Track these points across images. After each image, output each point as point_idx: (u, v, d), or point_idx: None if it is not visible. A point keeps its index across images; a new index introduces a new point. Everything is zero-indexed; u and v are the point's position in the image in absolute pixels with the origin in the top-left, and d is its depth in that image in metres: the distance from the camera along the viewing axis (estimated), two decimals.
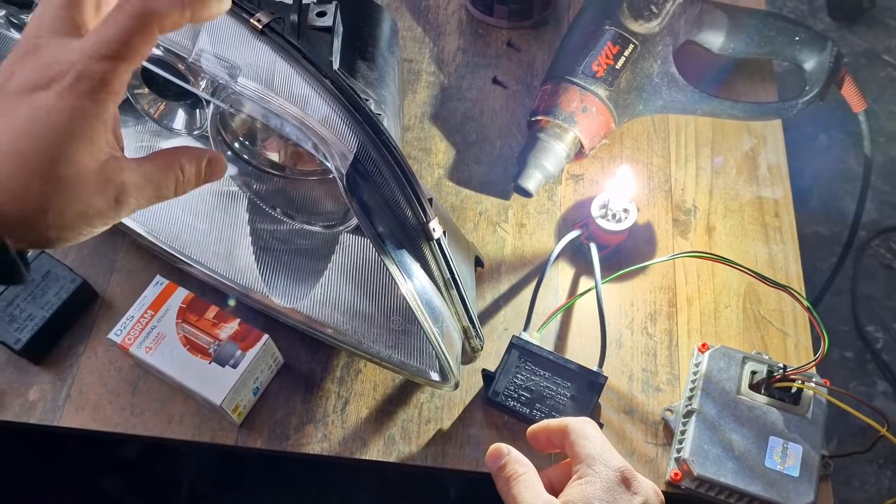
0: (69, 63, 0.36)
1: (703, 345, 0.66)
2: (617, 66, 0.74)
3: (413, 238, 0.51)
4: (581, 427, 0.49)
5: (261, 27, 0.49)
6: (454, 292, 0.55)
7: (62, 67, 0.36)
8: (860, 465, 1.36)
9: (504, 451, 0.49)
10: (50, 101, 0.36)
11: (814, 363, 0.61)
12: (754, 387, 0.63)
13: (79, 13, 0.38)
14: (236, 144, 0.59)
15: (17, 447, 0.91)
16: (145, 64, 0.54)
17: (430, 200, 0.51)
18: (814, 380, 0.62)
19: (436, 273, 0.53)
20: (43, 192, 0.36)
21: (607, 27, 0.75)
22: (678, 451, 0.62)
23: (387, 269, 0.51)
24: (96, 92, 0.36)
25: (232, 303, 0.64)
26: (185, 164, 0.43)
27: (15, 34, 0.65)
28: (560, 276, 0.73)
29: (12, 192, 0.35)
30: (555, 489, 0.48)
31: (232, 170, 0.56)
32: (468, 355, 0.62)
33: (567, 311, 0.70)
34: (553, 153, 0.73)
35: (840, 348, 1.46)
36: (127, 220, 0.70)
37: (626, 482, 0.46)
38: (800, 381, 0.62)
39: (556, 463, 0.50)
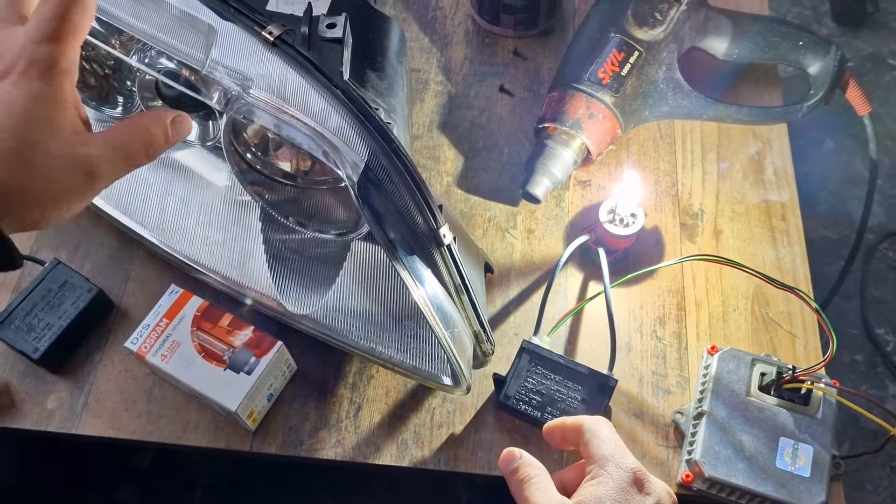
0: (19, 50, 0.38)
1: (713, 347, 0.67)
2: (622, 73, 0.75)
3: (424, 244, 0.52)
4: (595, 427, 0.49)
5: (272, 39, 0.51)
6: (465, 298, 0.56)
7: (12, 56, 0.38)
8: (873, 468, 1.35)
9: (516, 454, 0.50)
10: (6, 89, 0.37)
11: (823, 364, 0.61)
12: (764, 388, 0.64)
13: (19, 1, 0.40)
14: (249, 155, 0.60)
15: (32, 457, 0.91)
16: (159, 77, 0.55)
17: (440, 207, 0.51)
18: (823, 381, 0.62)
19: (447, 279, 0.54)
20: (17, 176, 0.37)
21: (612, 35, 0.76)
22: (689, 452, 0.63)
23: (398, 275, 0.51)
24: (48, 75, 0.38)
25: (249, 302, 0.65)
26: (150, 126, 0.44)
27: None
28: (569, 280, 0.73)
29: None
30: (567, 491, 0.48)
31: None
32: (479, 360, 0.63)
33: (576, 316, 0.71)
34: (560, 159, 0.74)
35: (850, 352, 1.46)
36: (141, 230, 0.71)
37: (638, 483, 0.46)
38: (809, 382, 0.62)
39: (568, 463, 0.51)
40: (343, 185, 0.50)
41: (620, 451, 0.48)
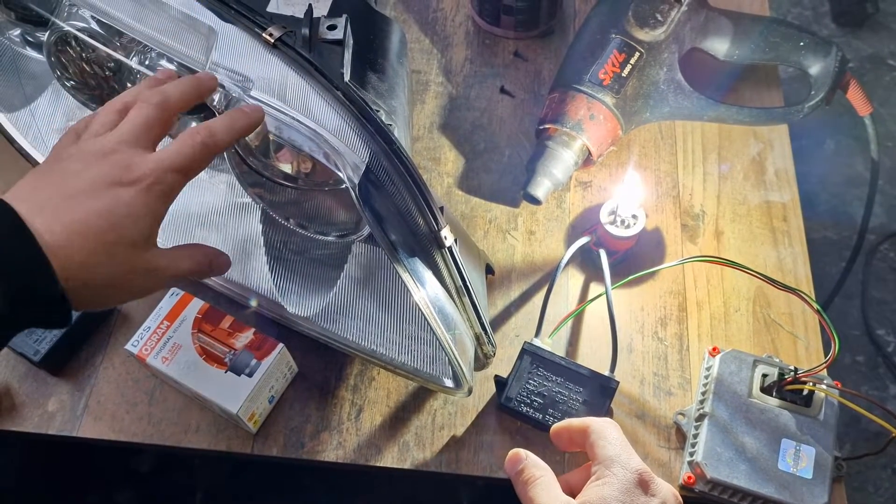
0: (148, 170, 0.45)
1: (714, 348, 0.66)
2: (623, 74, 0.75)
3: (425, 246, 0.52)
4: (602, 428, 0.49)
5: (273, 41, 0.51)
6: (466, 299, 0.55)
7: (142, 172, 0.45)
8: (875, 470, 1.35)
9: (522, 455, 0.50)
10: (130, 196, 0.44)
11: (824, 365, 0.61)
12: (766, 390, 0.64)
13: (158, 137, 0.48)
14: (249, 157, 0.60)
15: (32, 460, 0.91)
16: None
17: (441, 209, 0.51)
18: (825, 382, 0.62)
19: (448, 281, 0.54)
20: (107, 268, 0.44)
21: (613, 36, 0.76)
22: (691, 454, 0.62)
23: (399, 277, 0.51)
24: (165, 195, 0.46)
25: (254, 303, 0.65)
26: (202, 259, 0.51)
27: (31, 52, 0.67)
28: (570, 282, 0.73)
29: (79, 262, 0.43)
30: (573, 492, 0.48)
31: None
32: (481, 362, 0.63)
33: (578, 317, 0.71)
34: (561, 161, 0.74)
35: (851, 353, 1.46)
36: None
37: (643, 484, 0.46)
38: (811, 383, 0.62)
39: (571, 465, 0.51)
40: (344, 186, 0.49)
41: (626, 453, 0.48)
